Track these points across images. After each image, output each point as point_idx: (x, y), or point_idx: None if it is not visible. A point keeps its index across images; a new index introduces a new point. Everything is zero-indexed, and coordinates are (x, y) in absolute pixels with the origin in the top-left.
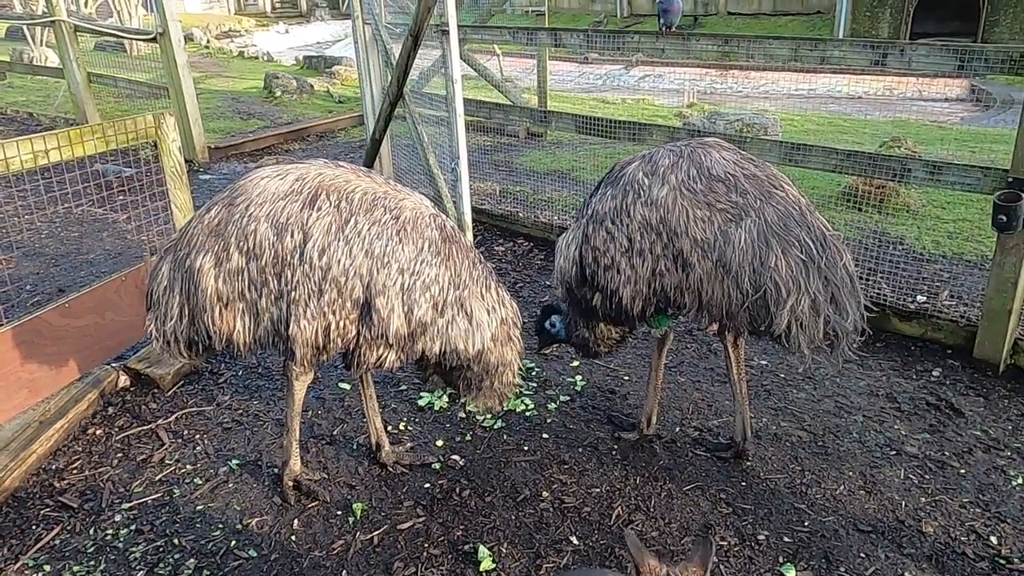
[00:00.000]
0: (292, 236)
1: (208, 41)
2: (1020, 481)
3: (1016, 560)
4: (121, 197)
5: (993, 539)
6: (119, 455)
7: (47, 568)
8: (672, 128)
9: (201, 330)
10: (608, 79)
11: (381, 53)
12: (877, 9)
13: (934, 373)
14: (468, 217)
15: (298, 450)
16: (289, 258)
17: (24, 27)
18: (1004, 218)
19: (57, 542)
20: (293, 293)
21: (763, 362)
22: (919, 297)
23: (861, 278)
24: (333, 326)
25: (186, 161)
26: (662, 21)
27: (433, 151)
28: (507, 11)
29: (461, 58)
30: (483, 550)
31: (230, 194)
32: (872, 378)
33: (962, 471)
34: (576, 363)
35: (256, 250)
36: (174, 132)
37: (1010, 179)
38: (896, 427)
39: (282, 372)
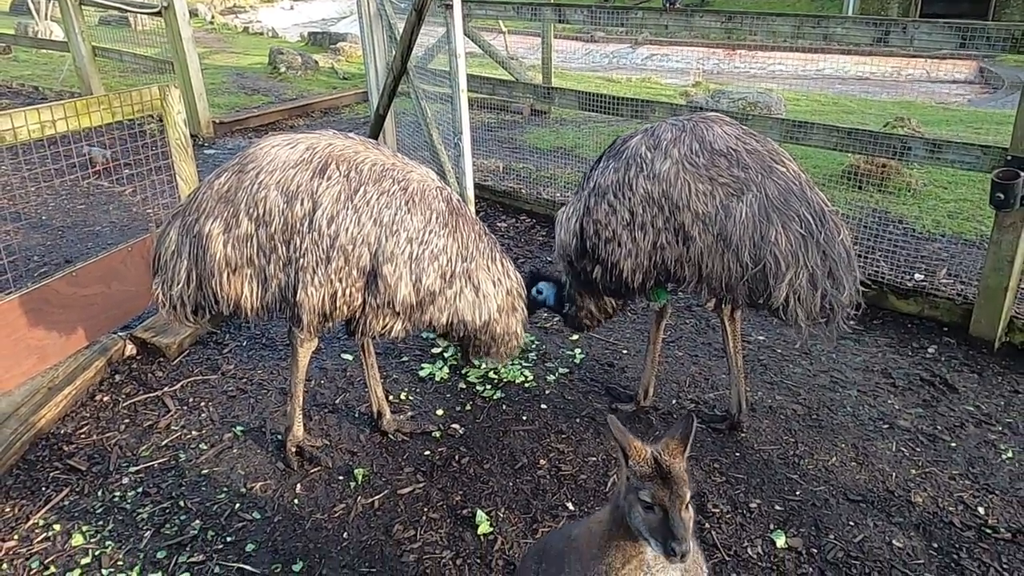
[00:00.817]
0: (302, 204)
1: (213, 17)
2: (1010, 455)
3: (1002, 530)
4: (127, 171)
5: (981, 510)
6: (126, 421)
7: (57, 527)
8: (675, 105)
9: (208, 295)
10: (614, 58)
11: (385, 28)
12: None
13: (929, 350)
14: (471, 192)
15: (301, 416)
16: (298, 225)
17: (29, 1)
18: (1002, 196)
19: (66, 503)
20: (301, 260)
21: (760, 337)
22: (916, 275)
23: (860, 256)
24: (340, 293)
25: (191, 136)
26: None
27: (437, 127)
28: None
29: (466, 35)
30: (481, 514)
31: (240, 161)
32: (868, 354)
33: (953, 444)
34: (576, 337)
35: (266, 217)
36: (179, 104)
37: (1009, 157)
38: (890, 402)
39: (287, 339)
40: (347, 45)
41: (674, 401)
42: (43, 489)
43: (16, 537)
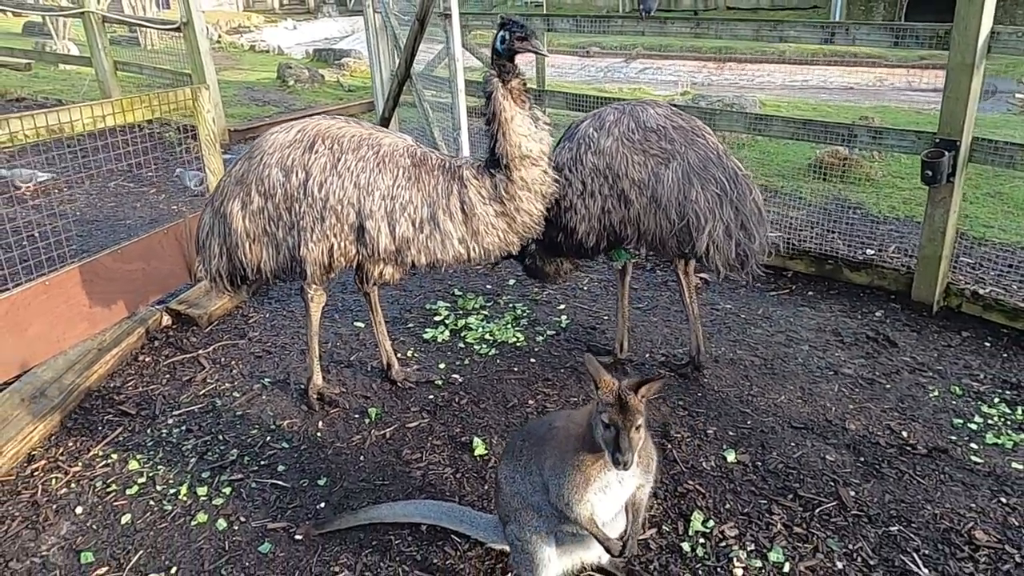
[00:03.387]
0: (296, 175)
1: (219, 36)
2: (936, 394)
3: (920, 448)
4: (150, 174)
5: (904, 433)
6: (167, 376)
7: (114, 456)
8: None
9: (236, 264)
10: (609, 71)
11: (390, 39)
12: (871, 3)
13: (876, 314)
14: None
15: (319, 366)
16: (296, 194)
17: (48, 20)
18: (930, 173)
19: (121, 439)
20: (301, 222)
21: (728, 305)
22: (868, 251)
23: (820, 236)
24: (335, 246)
25: None
26: (641, 7)
27: (438, 126)
28: (508, 3)
29: (466, 48)
30: (477, 440)
31: (250, 150)
32: (822, 318)
33: (888, 386)
34: (563, 306)
35: (271, 191)
36: (209, 104)
37: (937, 140)
38: (837, 354)
39: (300, 297)
40: (351, 60)
41: (647, 355)
42: (100, 428)
43: (80, 464)
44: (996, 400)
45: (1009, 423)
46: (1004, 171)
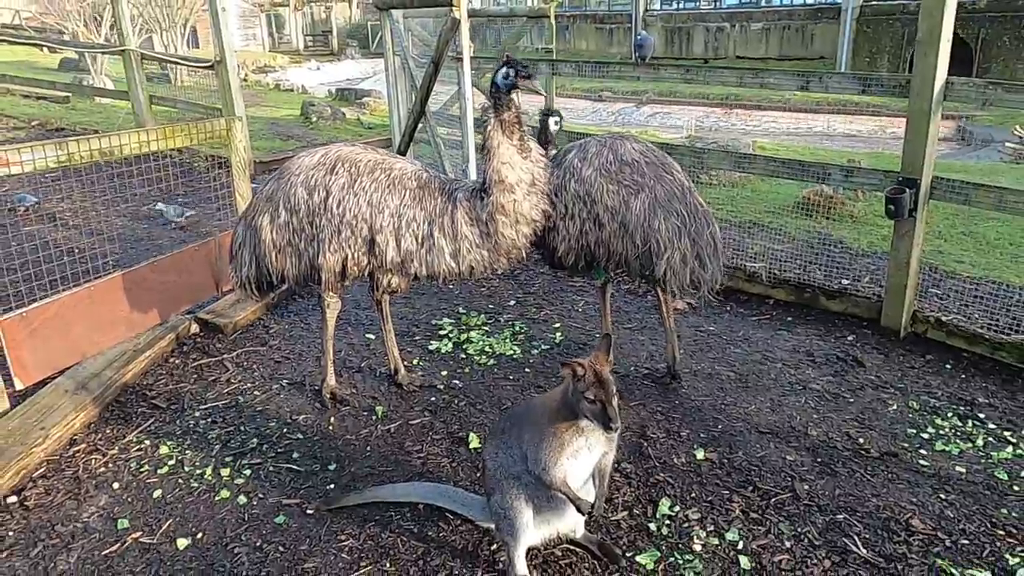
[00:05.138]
0: (318, 194)
1: (246, 75)
2: (895, 407)
3: (873, 452)
4: (181, 198)
5: (861, 440)
6: (194, 376)
7: (147, 442)
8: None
9: (264, 271)
10: (620, 115)
11: (408, 79)
12: (876, 55)
13: (848, 337)
14: None
15: (333, 369)
16: (318, 209)
17: (86, 55)
18: (892, 208)
19: (152, 428)
20: (321, 234)
21: (711, 327)
22: (844, 281)
23: (801, 268)
24: (349, 257)
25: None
26: (637, 54)
27: (450, 161)
28: (520, 48)
29: (476, 87)
30: (472, 436)
31: (279, 172)
32: (797, 340)
33: (851, 400)
34: (558, 324)
35: (296, 207)
36: (241, 134)
37: (900, 178)
38: (807, 372)
39: (316, 310)
40: (371, 100)
41: (632, 368)
42: (134, 419)
43: (116, 448)
44: (950, 414)
45: (959, 434)
46: (977, 212)
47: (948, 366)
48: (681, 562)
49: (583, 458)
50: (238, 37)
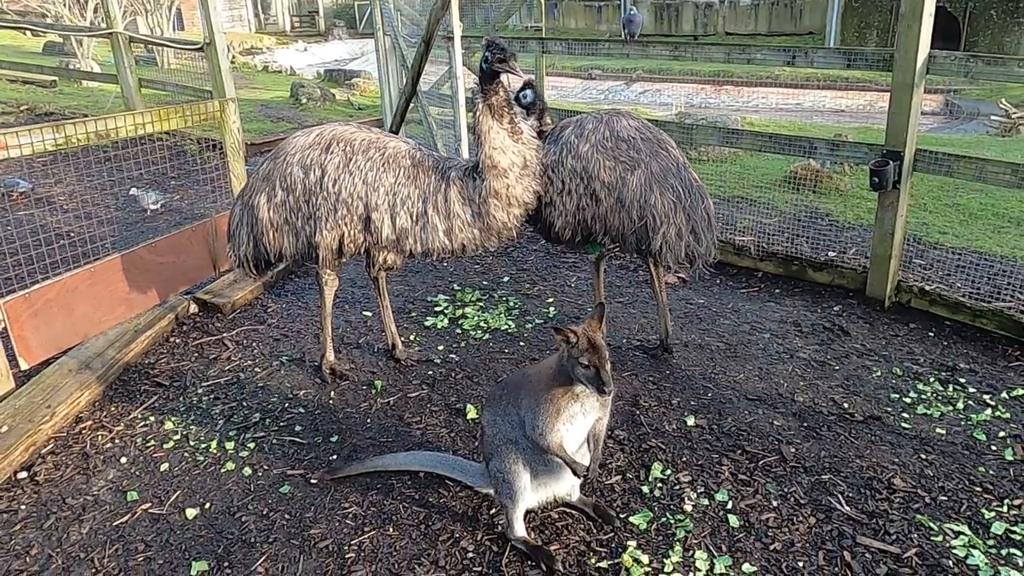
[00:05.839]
0: (314, 173)
1: (233, 57)
2: (879, 374)
3: (857, 415)
4: (174, 181)
5: (846, 405)
6: (195, 355)
7: (152, 419)
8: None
9: (262, 249)
10: (610, 93)
11: (398, 59)
12: (865, 30)
13: (835, 308)
14: None
15: (331, 345)
16: (314, 188)
17: (73, 39)
18: (876, 180)
19: (156, 405)
20: (317, 212)
21: (701, 300)
22: (830, 253)
23: (788, 241)
24: (346, 234)
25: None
26: (626, 31)
27: (442, 141)
28: (509, 27)
29: (467, 67)
30: (470, 407)
31: (275, 151)
32: (785, 311)
33: (836, 368)
34: (551, 300)
35: (292, 186)
36: (234, 115)
37: (884, 151)
38: (795, 342)
39: (313, 288)
40: (360, 81)
41: (624, 340)
42: (138, 396)
43: (122, 424)
44: (932, 379)
45: (940, 398)
46: (962, 184)
47: (931, 334)
48: (672, 522)
49: (578, 423)
50: (225, 18)
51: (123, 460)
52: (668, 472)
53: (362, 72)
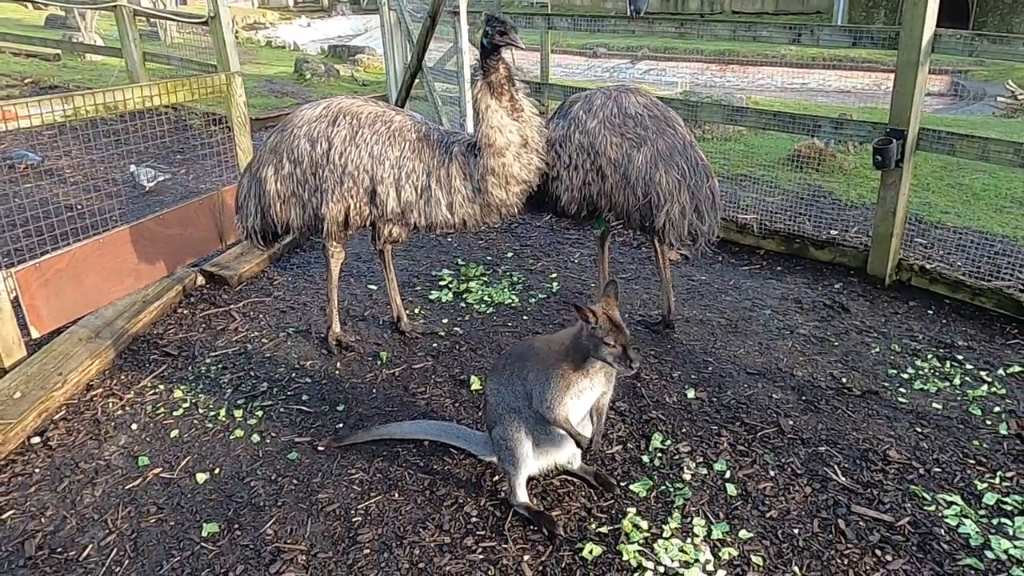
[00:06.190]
0: (321, 145)
1: (236, 32)
2: (877, 350)
3: (855, 390)
4: (179, 156)
5: (844, 380)
6: (203, 326)
7: (161, 387)
8: None
9: (269, 221)
10: (615, 71)
11: (404, 34)
12: (872, 9)
13: (835, 286)
14: None
15: (337, 316)
16: (321, 160)
17: (76, 12)
18: (880, 158)
19: (166, 373)
20: (324, 185)
21: (703, 277)
22: (832, 231)
23: (791, 219)
24: (352, 207)
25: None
26: (632, 7)
27: (448, 117)
28: (515, 3)
29: (472, 42)
30: (474, 378)
31: (282, 124)
32: (786, 288)
33: (836, 344)
34: (555, 275)
35: (299, 158)
36: (240, 89)
37: (887, 129)
38: (795, 318)
39: (320, 261)
40: (364, 57)
41: (626, 316)
42: (147, 365)
43: (132, 392)
44: (929, 356)
45: (937, 374)
46: (965, 164)
47: (930, 312)
48: (672, 490)
49: (585, 397)
50: None
51: (134, 426)
52: (668, 442)
53: (366, 48)
